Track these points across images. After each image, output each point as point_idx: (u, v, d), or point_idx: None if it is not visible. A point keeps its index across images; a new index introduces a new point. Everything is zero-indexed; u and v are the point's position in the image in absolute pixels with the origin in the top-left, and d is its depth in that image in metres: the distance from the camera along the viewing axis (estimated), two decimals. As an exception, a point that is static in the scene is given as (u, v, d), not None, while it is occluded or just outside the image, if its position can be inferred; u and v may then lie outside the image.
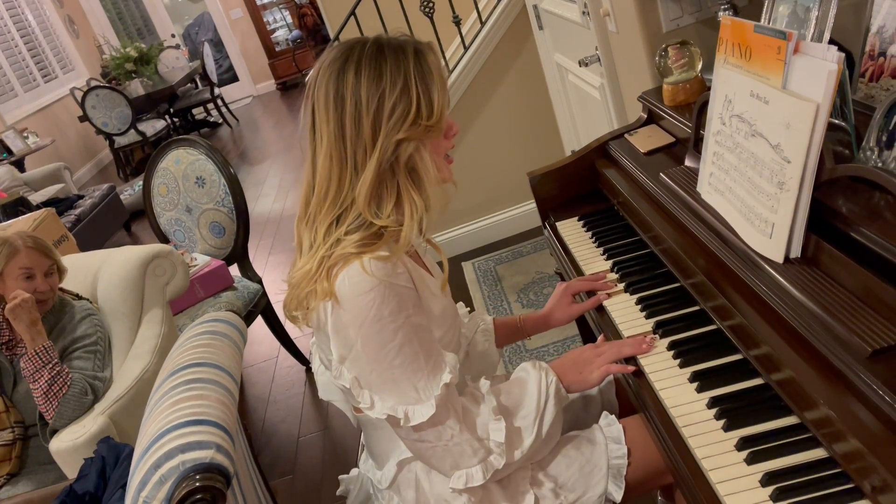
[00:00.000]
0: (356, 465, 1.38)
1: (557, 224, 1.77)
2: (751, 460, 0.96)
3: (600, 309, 1.44)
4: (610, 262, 1.54)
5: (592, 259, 1.59)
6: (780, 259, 1.08)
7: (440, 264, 1.24)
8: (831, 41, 1.17)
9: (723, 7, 1.68)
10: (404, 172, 1.06)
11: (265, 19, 10.20)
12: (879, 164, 1.05)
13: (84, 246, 3.66)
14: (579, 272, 1.58)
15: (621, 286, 1.44)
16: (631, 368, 1.22)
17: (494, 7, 3.25)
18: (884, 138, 1.05)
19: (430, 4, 3.24)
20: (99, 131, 7.04)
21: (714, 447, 1.01)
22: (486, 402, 1.13)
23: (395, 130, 1.03)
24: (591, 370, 1.22)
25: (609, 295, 1.42)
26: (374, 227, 1.06)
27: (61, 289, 2.06)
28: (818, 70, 1.00)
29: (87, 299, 2.10)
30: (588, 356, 1.24)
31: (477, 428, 1.11)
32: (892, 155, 1.03)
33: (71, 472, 1.74)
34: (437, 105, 1.06)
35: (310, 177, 1.09)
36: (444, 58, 3.37)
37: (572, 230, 1.73)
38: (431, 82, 1.06)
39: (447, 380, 1.07)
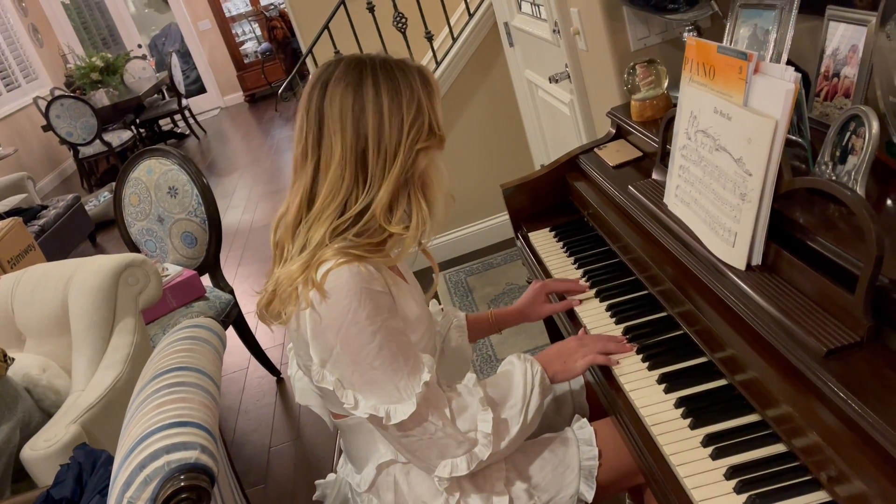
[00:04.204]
0: (330, 473, 1.40)
1: (530, 234, 1.82)
2: (716, 456, 1.02)
3: (571, 314, 1.49)
4: (581, 271, 1.59)
5: (564, 268, 1.63)
6: (742, 266, 1.14)
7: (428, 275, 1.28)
8: (789, 62, 1.25)
9: (687, 28, 1.76)
10: (418, 183, 1.13)
11: (234, 31, 10.14)
12: (833, 178, 1.12)
13: (48, 257, 3.60)
14: (551, 281, 1.63)
15: (592, 292, 1.49)
16: (615, 360, 1.26)
17: (466, 24, 3.31)
18: (837, 153, 1.12)
19: (403, 20, 3.28)
20: (63, 141, 6.92)
21: (681, 444, 1.06)
22: (473, 394, 1.17)
23: (416, 141, 1.10)
24: (576, 360, 1.27)
25: (581, 301, 1.48)
26: (376, 237, 1.11)
27: None
28: (777, 89, 1.06)
29: None
30: (572, 347, 1.28)
31: (465, 420, 1.14)
32: (844, 169, 1.10)
33: (43, 481, 1.72)
34: (440, 117, 1.15)
35: (308, 185, 1.12)
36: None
37: (544, 240, 1.78)
38: (434, 97, 1.14)
39: (427, 378, 1.10)
